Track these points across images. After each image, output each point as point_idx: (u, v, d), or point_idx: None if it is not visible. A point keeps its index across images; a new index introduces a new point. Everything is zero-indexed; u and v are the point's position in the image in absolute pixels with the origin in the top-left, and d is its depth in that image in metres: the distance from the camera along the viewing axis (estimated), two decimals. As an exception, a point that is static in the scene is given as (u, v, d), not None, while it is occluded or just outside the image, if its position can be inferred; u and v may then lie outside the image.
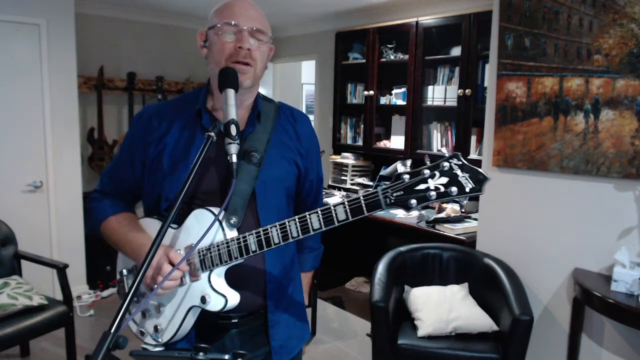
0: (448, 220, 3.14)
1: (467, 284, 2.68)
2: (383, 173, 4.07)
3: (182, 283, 1.12)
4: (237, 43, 1.14)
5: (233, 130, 1.04)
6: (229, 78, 1.10)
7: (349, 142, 4.48)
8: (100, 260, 3.89)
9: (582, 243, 2.42)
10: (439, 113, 3.73)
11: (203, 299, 1.09)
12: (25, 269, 2.91)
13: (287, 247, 1.09)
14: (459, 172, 0.91)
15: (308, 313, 1.67)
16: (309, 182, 1.35)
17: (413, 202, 0.93)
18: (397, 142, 3.97)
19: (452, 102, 3.54)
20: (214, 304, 1.09)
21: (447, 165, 0.92)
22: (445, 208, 3.35)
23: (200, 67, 4.72)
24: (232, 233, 1.10)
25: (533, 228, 2.60)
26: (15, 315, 2.46)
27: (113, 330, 0.80)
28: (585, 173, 2.36)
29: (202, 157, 1.02)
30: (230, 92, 1.09)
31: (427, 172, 0.93)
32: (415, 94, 3.72)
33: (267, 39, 1.20)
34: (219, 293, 1.09)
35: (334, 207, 0.98)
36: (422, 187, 0.93)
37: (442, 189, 0.92)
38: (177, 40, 4.66)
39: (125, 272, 1.24)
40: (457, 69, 3.48)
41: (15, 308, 2.47)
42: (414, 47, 3.68)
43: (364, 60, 4.14)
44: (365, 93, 4.10)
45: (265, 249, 1.05)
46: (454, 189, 0.91)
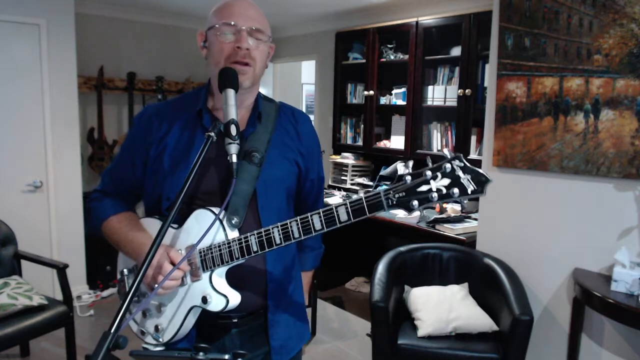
0: (448, 220, 3.14)
1: (467, 284, 2.68)
2: (383, 173, 4.07)
3: (183, 283, 1.12)
4: (236, 43, 1.14)
5: (233, 130, 1.05)
6: (229, 78, 1.10)
7: (349, 142, 4.47)
8: (100, 260, 3.89)
9: (582, 243, 2.42)
10: (439, 113, 3.73)
11: (204, 299, 1.10)
12: (25, 269, 2.91)
13: (288, 246, 1.09)
14: (461, 173, 0.91)
15: (308, 313, 1.67)
16: (310, 181, 1.35)
17: (415, 203, 0.94)
18: (397, 142, 3.97)
19: (452, 102, 3.54)
20: (215, 304, 1.09)
21: (449, 167, 0.92)
22: (446, 209, 3.35)
23: (200, 67, 4.72)
24: (233, 233, 1.10)
25: (533, 228, 2.60)
26: (15, 315, 2.46)
27: (113, 330, 0.80)
28: (585, 173, 2.36)
29: (202, 157, 1.03)
30: (230, 92, 1.09)
31: (429, 173, 0.93)
32: (415, 94, 3.72)
33: (266, 38, 1.20)
34: (220, 293, 1.09)
35: (336, 207, 0.98)
36: (424, 188, 0.93)
37: (444, 191, 0.92)
38: (177, 40, 4.66)
39: (126, 271, 1.24)
40: (457, 69, 3.48)
41: (15, 308, 2.47)
42: (414, 47, 3.68)
43: (364, 60, 4.14)
44: (365, 93, 4.10)
45: (267, 250, 1.05)
46: (456, 191, 0.91)
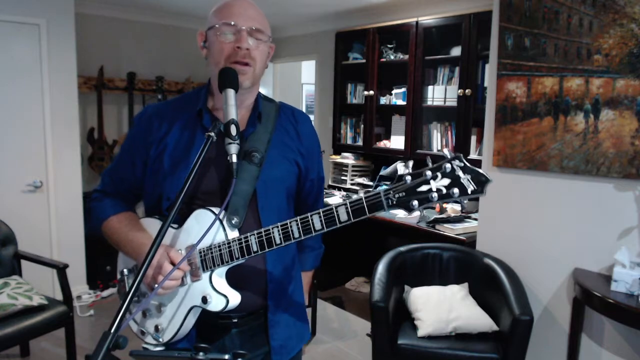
0: (448, 220, 3.14)
1: (467, 284, 2.68)
2: (383, 173, 4.07)
3: (183, 283, 1.12)
4: (236, 43, 1.14)
5: (233, 130, 1.05)
6: (229, 78, 1.10)
7: (349, 142, 4.47)
8: (100, 260, 3.89)
9: (582, 243, 2.42)
10: (439, 113, 3.73)
11: (204, 299, 1.10)
12: (25, 269, 2.91)
13: (288, 246, 1.09)
14: (461, 173, 0.91)
15: (308, 313, 1.67)
16: (310, 181, 1.35)
17: (415, 203, 0.94)
18: (397, 142, 3.97)
19: (452, 102, 3.54)
20: (215, 304, 1.09)
21: (449, 167, 0.92)
22: (446, 209, 3.35)
23: (200, 67, 4.72)
24: (233, 233, 1.10)
25: (533, 228, 2.60)
26: (15, 315, 2.46)
27: (113, 330, 0.80)
28: (585, 173, 2.36)
29: (202, 157, 1.02)
30: (230, 92, 1.09)
31: (429, 173, 0.93)
32: (415, 94, 3.72)
33: (266, 38, 1.19)
34: (220, 293, 1.09)
35: (336, 207, 0.98)
36: (424, 188, 0.93)
37: (444, 191, 0.92)
38: (177, 40, 4.66)
39: (126, 271, 1.24)
40: (457, 69, 3.48)
41: (15, 308, 2.47)
42: (414, 47, 3.68)
43: (364, 60, 4.14)
44: (365, 93, 4.10)
45: (267, 250, 1.05)
46: (456, 191, 0.91)
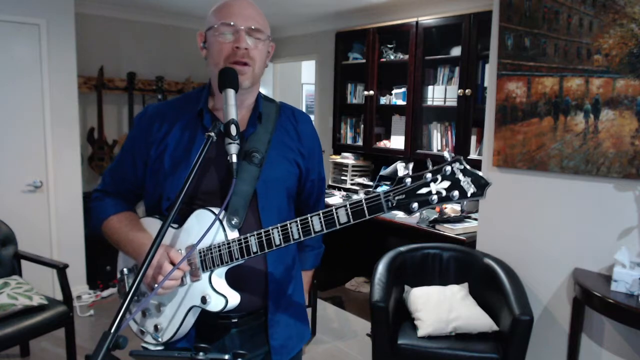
0: (448, 220, 3.14)
1: (467, 284, 2.68)
2: (383, 173, 4.07)
3: (182, 283, 1.12)
4: (234, 43, 1.14)
5: (233, 130, 1.05)
6: (229, 78, 1.10)
7: (349, 142, 4.47)
8: (100, 260, 3.89)
9: (582, 243, 2.42)
10: (439, 113, 3.73)
11: (203, 299, 1.10)
12: (25, 269, 2.91)
13: (288, 246, 1.09)
14: (461, 176, 0.91)
15: (308, 313, 1.67)
16: (310, 182, 1.35)
17: (414, 205, 0.94)
18: (397, 142, 3.97)
19: (452, 102, 3.54)
20: (215, 305, 1.09)
21: (449, 170, 0.92)
22: (446, 209, 3.35)
23: (200, 67, 4.72)
24: (233, 234, 1.11)
25: (533, 228, 2.60)
26: (15, 315, 2.46)
27: (113, 330, 0.80)
28: (585, 173, 2.36)
29: (202, 157, 1.03)
30: (230, 92, 1.09)
31: (429, 176, 0.93)
32: (415, 94, 3.72)
33: (265, 37, 1.19)
34: (220, 293, 1.09)
35: (336, 209, 0.99)
36: (423, 191, 0.93)
37: (443, 193, 0.92)
38: (177, 40, 4.66)
39: (126, 271, 1.24)
40: (457, 69, 3.48)
41: (15, 308, 2.47)
42: (414, 47, 3.68)
43: (364, 60, 4.14)
44: (365, 93, 4.10)
45: (267, 250, 1.06)
46: (456, 193, 0.91)
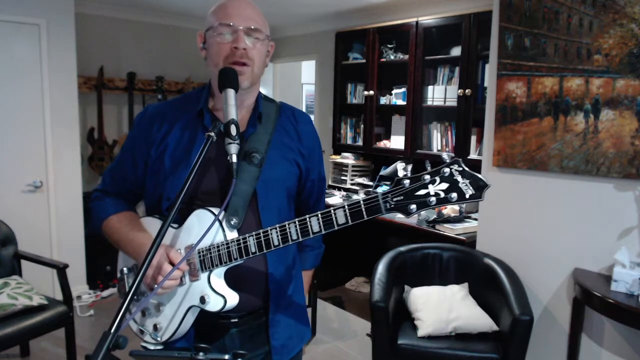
0: (448, 220, 3.14)
1: (467, 284, 2.68)
2: (383, 173, 4.07)
3: (181, 283, 1.12)
4: (233, 43, 1.14)
5: (233, 130, 1.05)
6: (229, 78, 1.10)
7: (349, 142, 4.47)
8: (100, 260, 3.89)
9: (582, 243, 2.42)
10: (439, 113, 3.73)
11: (202, 299, 1.10)
12: (25, 269, 2.91)
13: (288, 247, 1.09)
14: (460, 178, 0.92)
15: (308, 313, 1.67)
16: (310, 182, 1.35)
17: (413, 207, 0.94)
18: (397, 142, 3.97)
19: (452, 102, 3.54)
20: (213, 304, 1.09)
21: (447, 172, 0.92)
22: (445, 209, 3.35)
23: (200, 67, 4.72)
24: (232, 234, 1.11)
25: (533, 228, 2.60)
26: (15, 315, 2.46)
27: (113, 330, 0.80)
28: (585, 173, 2.36)
29: (202, 157, 1.03)
30: (230, 92, 1.09)
31: (427, 177, 0.93)
32: (415, 94, 3.72)
33: (264, 37, 1.19)
34: (218, 293, 1.10)
35: (334, 210, 0.99)
36: (422, 192, 0.93)
37: (442, 195, 0.92)
38: (177, 40, 4.66)
39: (126, 270, 1.24)
40: (457, 69, 3.48)
41: (15, 308, 2.47)
42: (414, 47, 3.68)
43: (364, 60, 4.14)
44: (365, 93, 4.10)
45: (265, 251, 1.06)
46: (454, 195, 0.91)
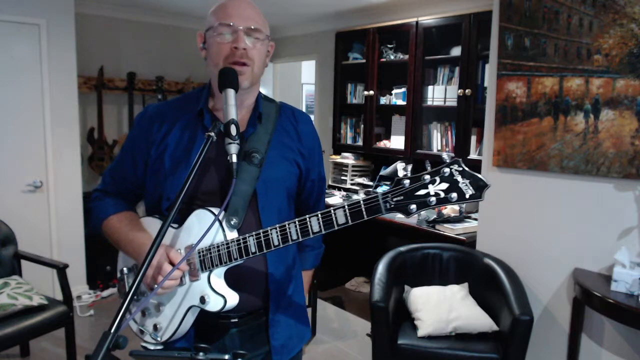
0: (448, 220, 3.14)
1: (467, 284, 2.68)
2: (383, 173, 4.07)
3: (181, 283, 1.12)
4: (233, 43, 1.14)
5: (233, 130, 1.05)
6: (229, 78, 1.10)
7: (349, 142, 4.47)
8: (100, 260, 3.89)
9: (582, 243, 2.42)
10: (439, 113, 3.73)
11: (202, 299, 1.10)
12: (25, 269, 2.91)
13: (288, 247, 1.09)
14: (460, 178, 0.92)
15: (308, 313, 1.67)
16: (310, 182, 1.35)
17: (413, 207, 0.94)
18: (397, 142, 3.97)
19: (452, 102, 3.54)
20: (213, 304, 1.09)
21: (447, 172, 0.92)
22: (445, 209, 3.35)
23: (200, 67, 4.72)
24: (232, 234, 1.11)
25: (533, 228, 2.60)
26: (15, 315, 2.46)
27: (113, 330, 0.80)
28: (585, 173, 2.36)
29: (202, 157, 1.03)
30: (230, 92, 1.09)
31: (427, 177, 0.93)
32: (415, 94, 3.72)
33: (264, 37, 1.19)
34: (218, 293, 1.10)
35: (334, 210, 0.99)
36: (422, 192, 0.93)
37: (442, 195, 0.92)
38: (177, 40, 4.66)
39: (126, 270, 1.24)
40: (457, 69, 3.48)
41: (15, 308, 2.47)
42: (414, 47, 3.68)
43: (364, 60, 4.14)
44: (365, 93, 4.10)
45: (265, 251, 1.06)
46: (454, 195, 0.91)
